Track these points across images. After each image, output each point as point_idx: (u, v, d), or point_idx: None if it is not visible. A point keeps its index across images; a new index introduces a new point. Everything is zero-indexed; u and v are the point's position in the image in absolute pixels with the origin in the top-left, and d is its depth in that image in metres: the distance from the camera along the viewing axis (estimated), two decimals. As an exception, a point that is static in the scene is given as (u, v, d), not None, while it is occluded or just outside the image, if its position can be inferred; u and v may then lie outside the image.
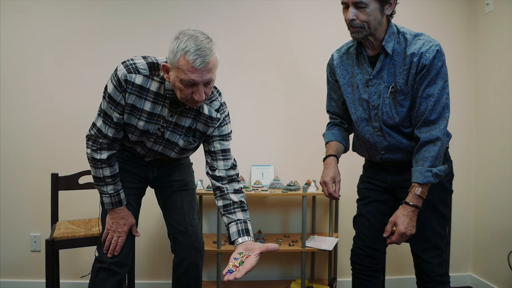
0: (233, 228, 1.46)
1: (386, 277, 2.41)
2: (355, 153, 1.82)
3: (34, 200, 2.63)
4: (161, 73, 1.44)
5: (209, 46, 1.31)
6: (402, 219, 1.45)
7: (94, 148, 1.53)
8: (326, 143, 1.76)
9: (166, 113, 1.51)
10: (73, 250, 2.47)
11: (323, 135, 1.79)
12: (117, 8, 2.66)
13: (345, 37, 2.66)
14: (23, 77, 2.62)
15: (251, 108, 2.75)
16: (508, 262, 2.37)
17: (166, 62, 1.41)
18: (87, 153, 1.56)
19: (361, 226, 1.73)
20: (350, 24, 1.48)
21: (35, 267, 2.63)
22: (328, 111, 1.81)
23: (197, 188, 2.48)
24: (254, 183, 2.62)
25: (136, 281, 2.07)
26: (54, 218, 2.16)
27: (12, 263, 2.65)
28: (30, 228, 2.66)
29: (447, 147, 1.64)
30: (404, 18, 2.83)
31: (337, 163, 1.67)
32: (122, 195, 1.62)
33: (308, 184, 2.53)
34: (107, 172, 1.57)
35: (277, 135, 2.77)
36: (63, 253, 2.28)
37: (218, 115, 1.57)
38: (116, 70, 1.44)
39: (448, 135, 1.60)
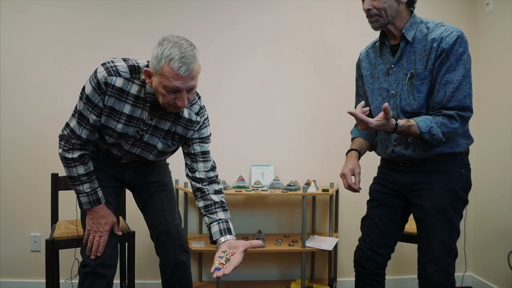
0: (215, 228, 1.47)
1: (386, 277, 2.40)
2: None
3: (34, 200, 2.62)
4: (142, 76, 1.43)
5: (193, 54, 1.32)
6: (382, 125, 1.38)
7: (65, 148, 1.52)
8: (352, 139, 1.77)
9: (146, 116, 1.50)
10: (73, 250, 2.47)
11: (351, 132, 1.80)
12: (117, 8, 2.66)
13: (344, 36, 2.68)
14: (23, 77, 2.62)
15: (251, 108, 2.75)
16: (508, 262, 2.37)
17: (147, 65, 1.41)
18: (59, 153, 1.55)
19: (367, 229, 1.71)
20: (368, 14, 1.52)
21: (35, 267, 2.62)
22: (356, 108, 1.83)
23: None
24: (254, 183, 2.62)
25: (136, 281, 2.07)
26: (54, 218, 2.16)
27: (12, 263, 2.65)
28: (30, 228, 2.66)
29: (467, 152, 1.60)
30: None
31: (359, 157, 1.66)
32: (100, 193, 1.60)
33: (308, 184, 2.53)
34: (81, 170, 1.55)
35: (277, 135, 2.77)
36: (63, 253, 2.28)
37: (198, 118, 1.57)
38: (95, 72, 1.42)
39: (469, 138, 1.58)
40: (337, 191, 2.68)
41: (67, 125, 1.52)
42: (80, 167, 1.55)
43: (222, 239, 1.43)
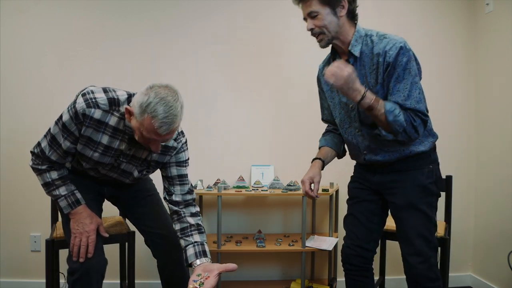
0: (190, 251, 1.49)
1: (386, 277, 2.41)
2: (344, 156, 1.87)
3: (34, 200, 2.62)
4: (122, 109, 1.44)
5: (176, 113, 1.32)
6: (351, 73, 1.41)
7: (35, 163, 1.55)
8: (319, 148, 1.82)
9: (124, 147, 1.52)
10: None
11: (319, 140, 1.85)
12: (117, 8, 2.66)
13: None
14: (23, 77, 2.62)
15: (251, 108, 2.75)
16: (508, 262, 2.37)
17: (127, 98, 1.43)
18: (29, 165, 1.57)
19: (351, 226, 1.76)
20: (312, 34, 1.56)
21: (35, 267, 2.62)
22: (322, 119, 1.89)
23: (197, 188, 2.49)
24: (254, 183, 2.62)
25: (136, 281, 2.06)
26: (54, 218, 2.16)
27: (12, 263, 2.65)
28: (30, 228, 2.66)
29: (434, 148, 1.64)
30: (403, 18, 2.83)
31: (322, 166, 1.72)
32: (78, 195, 1.59)
33: (308, 184, 2.52)
34: (54, 174, 1.56)
35: (277, 135, 2.77)
36: (63, 253, 2.28)
37: (175, 144, 1.58)
38: (75, 102, 1.43)
39: (433, 136, 1.62)
40: (337, 191, 2.68)
41: (39, 144, 1.54)
42: (53, 172, 1.56)
43: (198, 261, 1.45)
